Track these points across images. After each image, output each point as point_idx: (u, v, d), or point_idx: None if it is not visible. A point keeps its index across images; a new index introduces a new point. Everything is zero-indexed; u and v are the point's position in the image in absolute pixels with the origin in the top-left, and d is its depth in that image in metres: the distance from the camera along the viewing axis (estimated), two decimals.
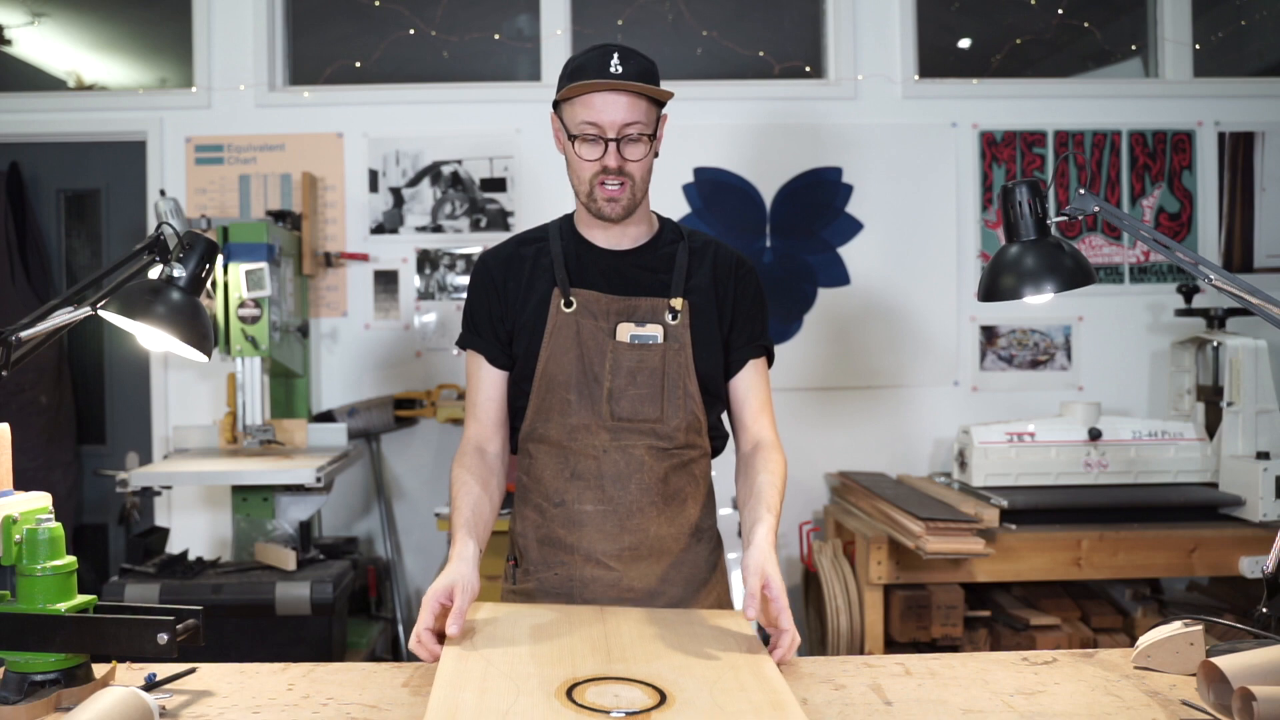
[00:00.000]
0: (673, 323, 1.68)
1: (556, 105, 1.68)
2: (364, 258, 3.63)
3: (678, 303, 1.69)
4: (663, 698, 1.19)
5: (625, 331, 1.67)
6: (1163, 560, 2.96)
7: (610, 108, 1.59)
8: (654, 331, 1.67)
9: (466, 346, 1.77)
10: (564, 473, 1.68)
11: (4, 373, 1.46)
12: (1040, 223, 1.62)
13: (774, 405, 1.80)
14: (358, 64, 3.77)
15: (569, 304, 1.67)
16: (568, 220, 1.79)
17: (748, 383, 1.77)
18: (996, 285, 1.63)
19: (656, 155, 1.69)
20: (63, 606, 1.34)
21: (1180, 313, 3.42)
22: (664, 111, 1.68)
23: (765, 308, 1.81)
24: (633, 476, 1.66)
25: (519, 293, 1.71)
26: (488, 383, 1.74)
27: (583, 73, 1.60)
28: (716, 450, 1.79)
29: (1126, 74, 3.91)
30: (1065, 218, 1.63)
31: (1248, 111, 3.74)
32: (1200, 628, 1.44)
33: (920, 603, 3.01)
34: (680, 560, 1.70)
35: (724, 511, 3.40)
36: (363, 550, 3.56)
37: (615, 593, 1.66)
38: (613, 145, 1.61)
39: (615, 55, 1.60)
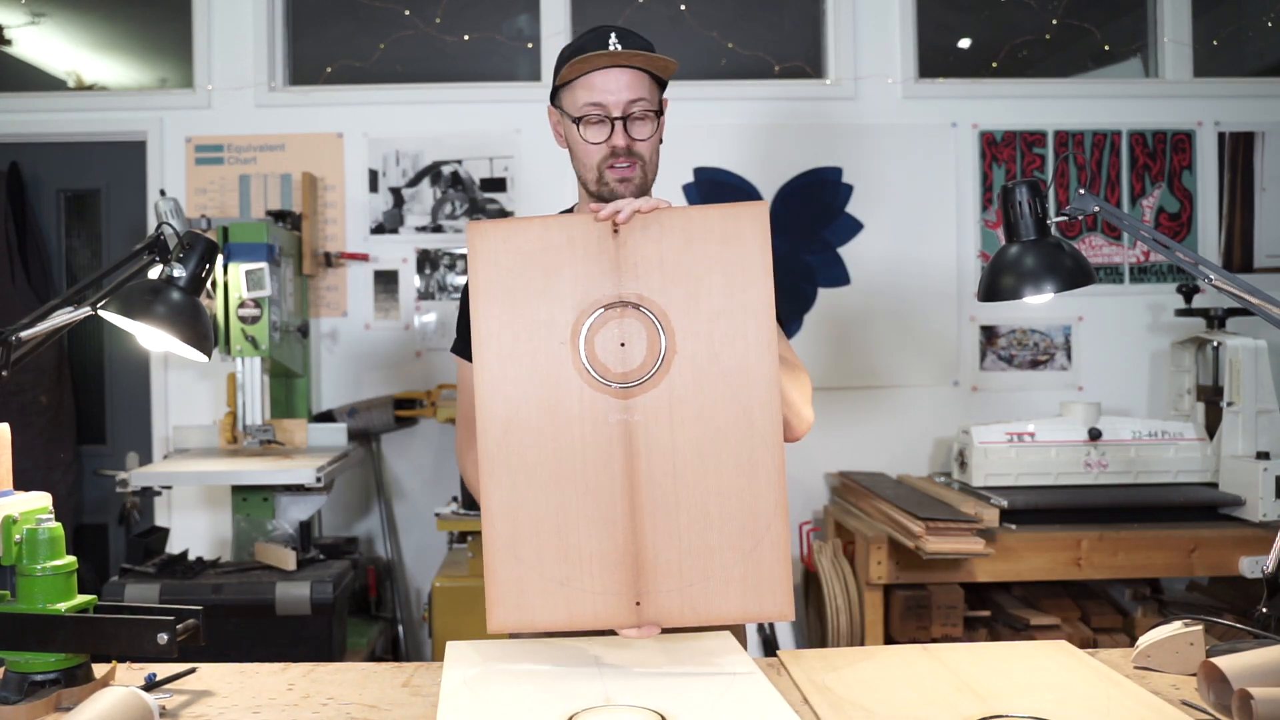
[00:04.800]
0: None
1: (555, 96, 1.64)
2: (364, 258, 3.63)
3: None
4: None
5: None
6: (1163, 560, 2.96)
7: (613, 85, 1.54)
8: None
9: (460, 353, 1.69)
10: None
11: (4, 373, 1.46)
12: (1040, 223, 1.62)
13: None
14: (358, 64, 3.77)
15: None
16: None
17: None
18: (996, 285, 1.63)
19: (661, 141, 1.62)
20: (63, 606, 1.34)
21: (1180, 313, 3.42)
22: (664, 95, 1.62)
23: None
24: None
25: None
26: None
27: (581, 53, 1.54)
28: None
29: (1126, 74, 3.91)
30: (1065, 218, 1.63)
31: (1248, 111, 3.74)
32: (1200, 628, 1.44)
33: (920, 603, 3.01)
34: None
35: None
36: (363, 550, 3.55)
37: None
38: (619, 124, 1.55)
39: (613, 34, 1.56)
